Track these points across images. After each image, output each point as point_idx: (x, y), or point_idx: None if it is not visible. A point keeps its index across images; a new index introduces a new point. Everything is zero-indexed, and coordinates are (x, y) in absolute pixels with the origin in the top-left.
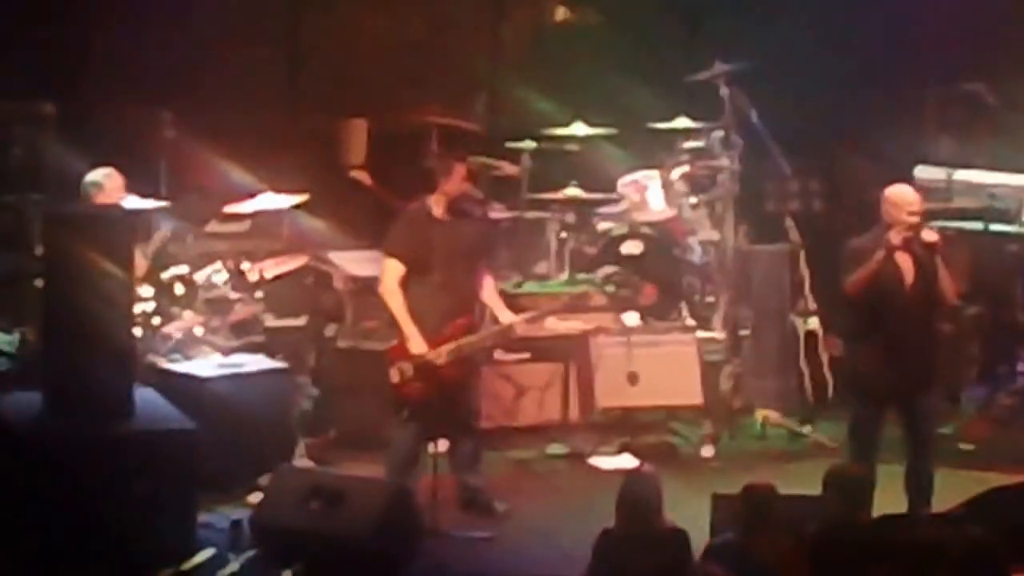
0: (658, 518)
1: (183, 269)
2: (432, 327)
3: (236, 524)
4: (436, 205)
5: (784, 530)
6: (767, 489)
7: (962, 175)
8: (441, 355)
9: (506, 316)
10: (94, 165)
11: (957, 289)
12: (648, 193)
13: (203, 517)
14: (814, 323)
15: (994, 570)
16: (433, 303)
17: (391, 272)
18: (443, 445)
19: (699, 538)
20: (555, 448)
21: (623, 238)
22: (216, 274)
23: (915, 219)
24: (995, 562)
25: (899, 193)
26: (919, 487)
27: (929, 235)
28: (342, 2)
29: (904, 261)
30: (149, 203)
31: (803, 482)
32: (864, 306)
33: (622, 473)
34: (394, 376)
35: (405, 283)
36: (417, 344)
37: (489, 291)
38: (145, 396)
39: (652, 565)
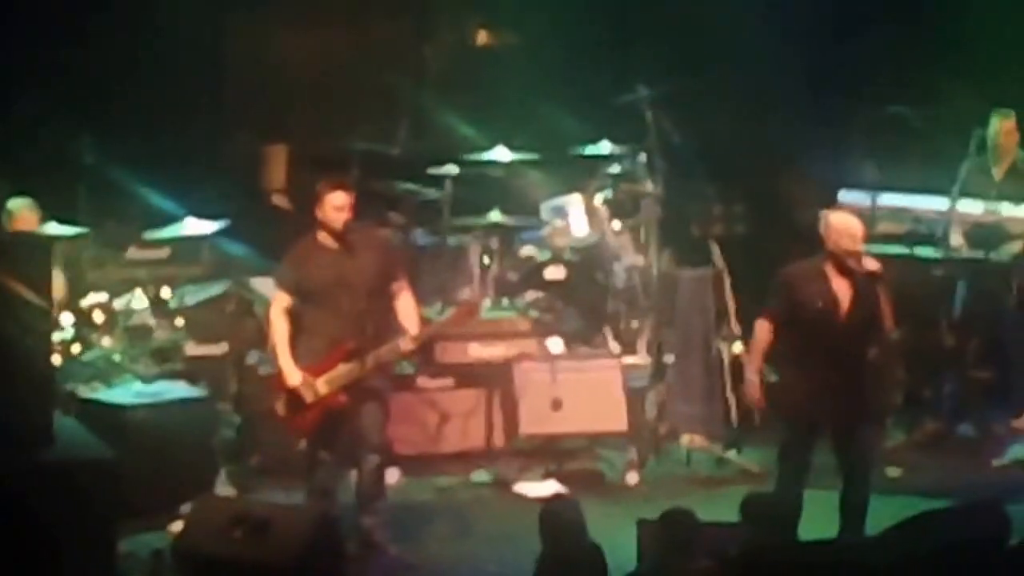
0: (584, 540)
1: (102, 296)
2: (320, 358)
3: (158, 553)
4: (325, 234)
5: (707, 556)
6: (687, 515)
7: (887, 199)
8: (315, 387)
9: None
10: (12, 190)
11: (895, 318)
12: (571, 218)
13: (124, 547)
14: (739, 348)
15: None
16: (322, 333)
17: (276, 303)
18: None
19: (625, 565)
20: (479, 475)
21: (546, 263)
22: (136, 301)
23: (858, 246)
24: None
25: (843, 220)
26: (852, 514)
27: (871, 263)
28: (264, 26)
29: (841, 288)
30: (68, 229)
31: (729, 508)
32: (796, 332)
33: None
34: (280, 410)
35: (297, 313)
36: (292, 377)
37: (404, 315)
38: (65, 425)
39: None
